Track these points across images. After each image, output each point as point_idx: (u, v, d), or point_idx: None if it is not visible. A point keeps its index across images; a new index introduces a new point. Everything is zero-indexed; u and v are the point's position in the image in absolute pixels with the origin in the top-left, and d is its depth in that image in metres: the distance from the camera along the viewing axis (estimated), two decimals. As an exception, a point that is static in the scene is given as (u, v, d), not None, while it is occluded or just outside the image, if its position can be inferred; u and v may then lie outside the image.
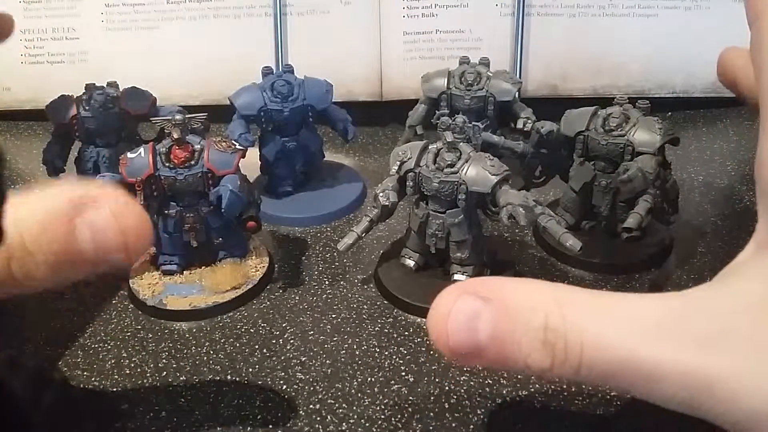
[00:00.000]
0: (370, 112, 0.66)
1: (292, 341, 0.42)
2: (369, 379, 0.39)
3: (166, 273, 0.46)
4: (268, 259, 0.47)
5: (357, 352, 0.40)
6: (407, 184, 0.43)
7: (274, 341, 0.42)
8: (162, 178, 0.43)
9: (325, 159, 0.58)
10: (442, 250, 0.44)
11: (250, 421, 0.36)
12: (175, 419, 0.36)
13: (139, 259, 0.46)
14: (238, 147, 0.45)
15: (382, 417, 0.36)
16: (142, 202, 0.43)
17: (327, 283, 0.46)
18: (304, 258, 0.49)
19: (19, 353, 0.40)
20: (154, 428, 0.36)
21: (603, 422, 0.35)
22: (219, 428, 0.36)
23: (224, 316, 0.44)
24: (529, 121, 0.52)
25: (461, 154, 0.42)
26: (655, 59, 0.66)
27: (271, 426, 0.36)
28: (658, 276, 0.46)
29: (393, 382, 0.38)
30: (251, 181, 0.47)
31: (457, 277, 0.44)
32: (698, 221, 0.52)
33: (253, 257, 0.47)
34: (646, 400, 0.25)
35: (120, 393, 0.38)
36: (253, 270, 0.46)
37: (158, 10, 0.66)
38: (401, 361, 0.40)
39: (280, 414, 0.37)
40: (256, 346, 0.41)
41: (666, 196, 0.46)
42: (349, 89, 0.66)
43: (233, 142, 0.45)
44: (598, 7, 0.65)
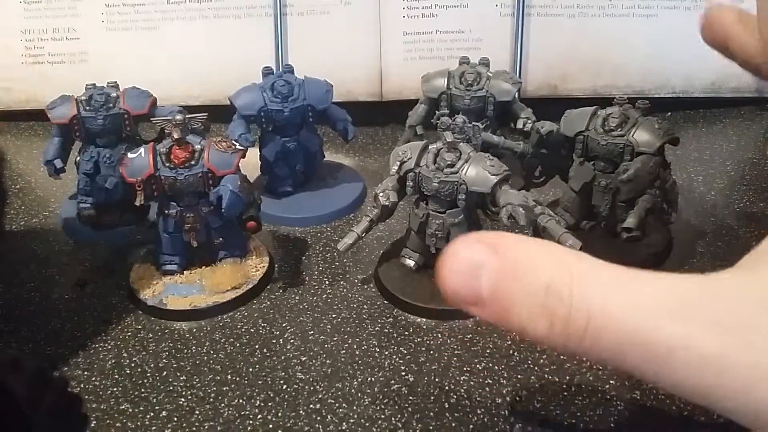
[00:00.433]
0: (370, 112, 0.66)
1: (292, 341, 0.42)
2: (369, 379, 0.39)
3: (167, 273, 0.46)
4: (268, 259, 0.47)
5: (357, 352, 0.40)
6: (407, 184, 0.43)
7: (274, 341, 0.42)
8: (162, 178, 0.43)
9: (325, 159, 0.58)
10: (442, 250, 0.44)
11: (250, 421, 0.36)
12: (175, 419, 0.36)
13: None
14: (238, 147, 0.45)
15: (382, 417, 0.36)
16: (141, 202, 0.44)
17: (327, 283, 0.46)
18: (304, 258, 0.49)
19: (19, 353, 0.40)
20: (154, 428, 0.36)
21: (603, 422, 0.35)
22: (219, 428, 0.36)
23: (224, 316, 0.44)
24: (529, 121, 0.52)
25: (461, 154, 0.42)
26: (655, 59, 0.66)
27: (271, 426, 0.36)
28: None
29: (393, 382, 0.38)
30: (251, 181, 0.47)
31: (457, 277, 0.44)
32: (698, 221, 0.52)
33: (253, 257, 0.47)
34: (652, 384, 0.23)
35: (120, 393, 0.38)
36: (253, 270, 0.46)
37: (158, 10, 0.66)
38: (401, 361, 0.40)
39: (280, 414, 0.37)
40: (256, 346, 0.41)
41: (666, 196, 0.46)
42: (349, 89, 0.66)
43: (233, 142, 0.45)
44: (598, 7, 0.65)
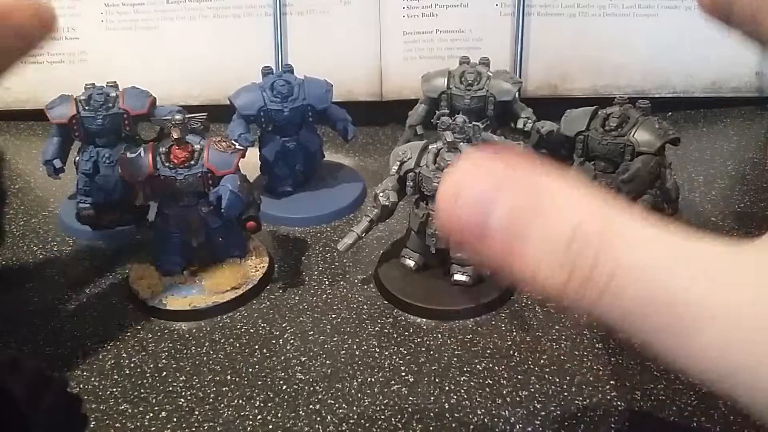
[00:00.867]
0: (370, 112, 0.66)
1: (292, 341, 0.41)
2: (369, 379, 0.39)
3: (166, 273, 0.46)
4: (268, 259, 0.47)
5: (357, 352, 0.40)
6: (407, 184, 0.43)
7: (274, 341, 0.42)
8: (162, 178, 0.43)
9: (325, 159, 0.58)
10: (442, 250, 0.44)
11: (250, 421, 0.36)
12: (175, 420, 0.36)
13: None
14: (238, 147, 0.45)
15: (382, 417, 0.36)
16: (141, 202, 0.44)
17: (327, 283, 0.46)
18: (304, 258, 0.49)
19: (19, 353, 0.40)
20: (154, 429, 0.36)
21: (603, 422, 0.35)
22: (219, 429, 0.36)
23: (224, 316, 0.44)
24: (529, 121, 0.52)
25: (461, 154, 0.42)
26: (655, 59, 0.66)
27: (270, 426, 0.36)
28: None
29: (393, 382, 0.38)
30: (251, 181, 0.47)
31: (457, 277, 0.44)
32: (698, 221, 0.51)
33: (253, 257, 0.47)
34: (665, 358, 0.19)
35: (119, 393, 0.38)
36: (253, 270, 0.46)
37: (158, 10, 0.66)
38: (401, 361, 0.40)
39: (279, 414, 0.37)
40: (256, 346, 0.41)
41: (666, 196, 0.46)
42: (349, 89, 0.66)
43: (233, 142, 0.45)
44: (598, 7, 0.65)
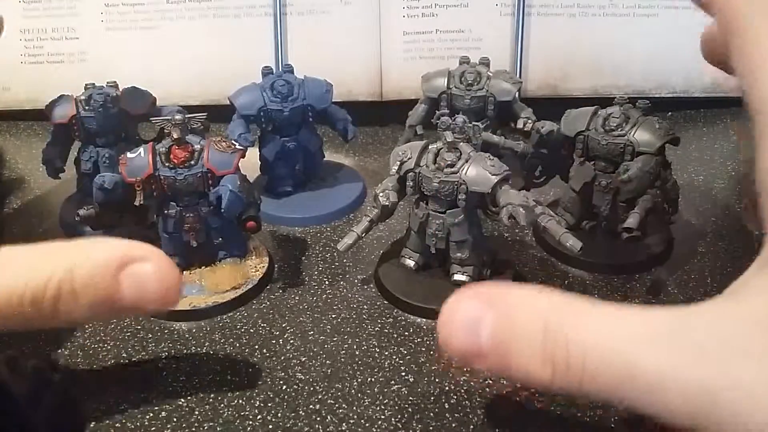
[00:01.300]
0: (370, 112, 0.66)
1: (292, 341, 0.41)
2: (369, 379, 0.39)
3: (166, 273, 0.46)
4: (268, 259, 0.47)
5: (357, 352, 0.40)
6: (407, 184, 0.43)
7: (274, 341, 0.42)
8: (162, 178, 0.43)
9: (325, 159, 0.58)
10: (442, 250, 0.44)
11: (250, 421, 0.36)
12: (175, 419, 0.36)
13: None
14: (238, 147, 0.45)
15: (382, 417, 0.36)
16: (141, 202, 0.43)
17: (327, 283, 0.46)
18: (304, 258, 0.49)
19: (19, 353, 0.40)
20: (154, 428, 0.36)
21: (603, 422, 0.35)
22: (218, 429, 0.36)
23: (224, 316, 0.44)
24: (529, 121, 0.52)
25: (461, 154, 0.42)
26: (655, 59, 0.66)
27: (270, 426, 0.36)
28: (658, 276, 0.46)
29: (393, 382, 0.38)
30: (251, 181, 0.47)
31: (457, 277, 0.44)
32: (698, 221, 0.51)
33: (253, 257, 0.47)
34: (655, 419, 0.24)
35: (120, 393, 0.38)
36: (253, 270, 0.46)
37: (158, 10, 0.66)
38: (401, 361, 0.40)
39: (279, 414, 0.37)
40: (256, 346, 0.41)
41: (666, 196, 0.46)
42: (349, 89, 0.66)
43: (233, 142, 0.45)
44: (598, 7, 0.65)
